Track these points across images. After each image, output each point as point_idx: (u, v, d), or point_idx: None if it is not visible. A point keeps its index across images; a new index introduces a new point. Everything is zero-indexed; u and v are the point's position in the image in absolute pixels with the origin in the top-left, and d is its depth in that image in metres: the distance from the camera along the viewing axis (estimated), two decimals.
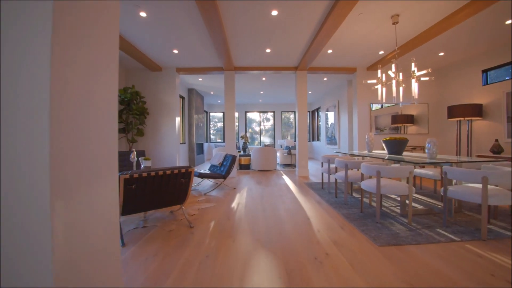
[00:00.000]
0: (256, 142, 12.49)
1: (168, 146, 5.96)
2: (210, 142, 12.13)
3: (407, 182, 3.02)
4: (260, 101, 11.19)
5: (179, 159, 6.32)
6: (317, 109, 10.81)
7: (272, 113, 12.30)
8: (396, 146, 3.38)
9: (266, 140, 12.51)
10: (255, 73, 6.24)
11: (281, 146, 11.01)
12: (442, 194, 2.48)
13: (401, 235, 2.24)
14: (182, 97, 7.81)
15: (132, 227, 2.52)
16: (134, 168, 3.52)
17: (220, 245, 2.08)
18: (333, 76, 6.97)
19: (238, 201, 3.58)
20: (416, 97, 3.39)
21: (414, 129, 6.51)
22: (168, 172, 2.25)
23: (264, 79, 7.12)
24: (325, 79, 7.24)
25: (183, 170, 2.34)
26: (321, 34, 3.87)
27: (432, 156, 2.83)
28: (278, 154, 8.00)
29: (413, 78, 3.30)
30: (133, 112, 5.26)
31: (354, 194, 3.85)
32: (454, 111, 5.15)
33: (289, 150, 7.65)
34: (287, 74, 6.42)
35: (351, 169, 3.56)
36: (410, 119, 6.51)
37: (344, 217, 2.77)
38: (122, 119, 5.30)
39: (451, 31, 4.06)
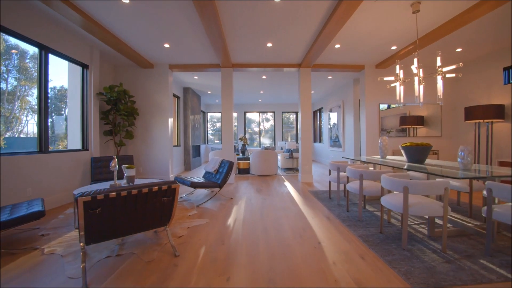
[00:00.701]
0: (255, 143, 12.02)
1: (161, 149, 5.49)
2: (208, 143, 11.66)
3: (438, 199, 2.57)
4: (260, 101, 10.72)
5: (173, 163, 5.85)
6: (320, 110, 10.35)
7: (272, 114, 11.83)
8: (418, 154, 2.92)
9: (266, 141, 12.05)
10: (255, 71, 5.77)
11: (281, 148, 10.55)
12: (484, 215, 2.03)
13: (439, 270, 1.78)
14: (177, 97, 7.33)
15: (104, 255, 2.05)
16: (115, 178, 3.04)
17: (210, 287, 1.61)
18: (338, 74, 6.51)
19: (235, 216, 3.11)
20: (441, 96, 2.93)
21: (424, 131, 6.05)
22: (145, 190, 1.77)
23: (264, 77, 6.65)
24: (329, 77, 6.78)
25: (164, 187, 1.87)
26: (330, 24, 3.40)
27: (467, 167, 2.37)
28: (279, 157, 7.53)
29: (438, 74, 2.84)
30: (120, 113, 4.78)
31: (368, 207, 3.39)
32: (473, 113, 4.70)
33: (291, 153, 7.19)
34: (289, 72, 5.96)
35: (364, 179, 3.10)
36: (420, 121, 6.05)
37: (362, 240, 2.30)
38: (108, 120, 4.83)
39: (472, 25, 3.63)
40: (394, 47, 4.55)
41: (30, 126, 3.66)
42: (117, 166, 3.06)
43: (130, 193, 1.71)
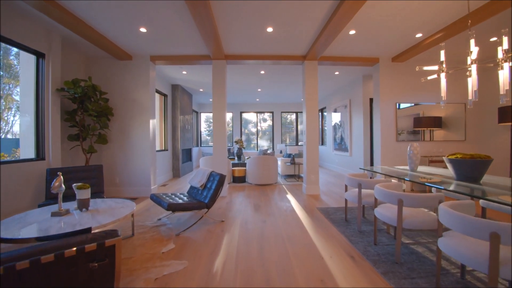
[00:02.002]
0: (252, 144, 11.20)
1: (141, 156, 4.65)
2: (201, 146, 10.81)
3: None
4: (258, 100, 9.92)
5: (156, 172, 5.02)
6: (323, 109, 9.59)
7: (270, 114, 11.03)
8: (474, 170, 2.14)
9: (263, 143, 11.24)
10: (252, 64, 4.98)
11: (280, 151, 9.77)
12: None
13: None
14: (163, 95, 6.49)
15: None
16: (60, 203, 2.22)
17: None
18: (345, 70, 5.75)
19: (226, 253, 2.30)
20: (504, 91, 2.17)
21: (442, 134, 5.31)
22: (48, 259, 0.95)
23: (262, 72, 5.85)
24: (336, 73, 6.00)
25: (90, 247, 1.05)
26: (347, 2, 2.62)
27: None
28: (279, 162, 6.73)
29: (505, 61, 2.08)
30: (89, 113, 3.94)
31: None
32: (508, 113, 3.97)
33: (293, 159, 6.40)
34: (292, 66, 5.18)
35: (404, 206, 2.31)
36: (437, 122, 5.28)
37: None
38: (75, 122, 3.98)
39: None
40: (419, 35, 3.78)
41: (17, 126, 3.52)
42: (62, 186, 2.24)
43: (14, 268, 0.89)
